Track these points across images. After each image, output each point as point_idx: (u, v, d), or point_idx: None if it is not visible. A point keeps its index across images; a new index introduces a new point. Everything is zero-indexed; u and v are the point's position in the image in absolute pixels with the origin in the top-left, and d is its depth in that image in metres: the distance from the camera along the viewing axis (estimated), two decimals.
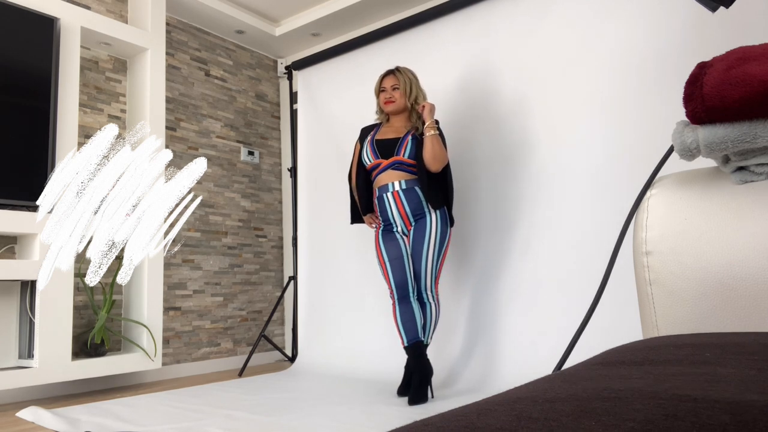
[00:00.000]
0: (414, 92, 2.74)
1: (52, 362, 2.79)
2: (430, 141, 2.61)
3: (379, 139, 2.76)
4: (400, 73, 2.77)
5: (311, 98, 4.04)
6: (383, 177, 2.73)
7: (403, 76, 2.76)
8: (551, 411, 0.39)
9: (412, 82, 2.76)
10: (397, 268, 2.64)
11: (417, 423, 0.39)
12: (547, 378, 0.58)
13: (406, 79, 2.75)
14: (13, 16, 2.83)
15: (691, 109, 0.96)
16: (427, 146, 2.61)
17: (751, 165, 0.97)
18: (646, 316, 1.06)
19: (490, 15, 3.19)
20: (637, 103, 2.64)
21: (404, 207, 2.68)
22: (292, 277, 4.00)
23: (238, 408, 2.51)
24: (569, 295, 2.70)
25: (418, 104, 2.73)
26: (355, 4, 3.80)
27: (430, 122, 2.62)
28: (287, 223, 4.47)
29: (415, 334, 2.57)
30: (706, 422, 0.34)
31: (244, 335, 4.12)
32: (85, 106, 3.39)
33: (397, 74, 2.77)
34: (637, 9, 2.68)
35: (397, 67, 2.82)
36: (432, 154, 2.61)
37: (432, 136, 2.61)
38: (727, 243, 0.96)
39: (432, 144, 2.60)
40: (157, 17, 3.53)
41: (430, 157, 2.61)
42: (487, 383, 2.80)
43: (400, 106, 2.75)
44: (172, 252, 3.71)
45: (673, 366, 0.58)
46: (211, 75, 4.15)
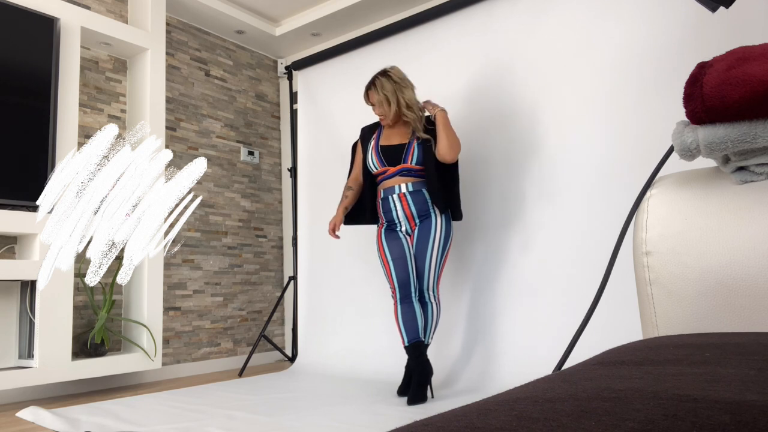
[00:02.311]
0: (397, 100, 2.64)
1: (52, 362, 2.79)
2: (443, 123, 2.59)
3: (384, 146, 2.75)
4: (376, 89, 2.67)
5: (311, 98, 4.04)
6: (390, 182, 2.73)
7: (378, 91, 2.66)
8: (551, 411, 0.39)
9: (389, 94, 2.64)
10: (400, 268, 2.63)
11: (417, 423, 0.39)
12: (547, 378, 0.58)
13: (382, 94, 2.65)
14: (13, 16, 2.83)
15: (691, 109, 0.96)
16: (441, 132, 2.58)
17: (751, 165, 0.97)
18: (646, 316, 1.06)
19: (490, 15, 3.19)
20: (637, 103, 2.64)
21: (410, 208, 2.67)
22: (292, 277, 4.00)
23: (238, 408, 2.51)
24: (569, 295, 2.70)
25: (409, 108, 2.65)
26: (355, 4, 3.80)
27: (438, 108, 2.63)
28: (287, 223, 4.47)
29: (415, 333, 2.57)
30: (706, 422, 0.34)
31: (244, 335, 4.12)
32: (85, 106, 3.39)
33: (372, 90, 2.68)
34: (636, 9, 2.68)
35: (375, 78, 2.70)
36: (448, 141, 2.58)
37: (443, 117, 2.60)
38: (727, 243, 0.96)
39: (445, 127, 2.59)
40: (157, 17, 3.53)
41: (445, 145, 2.58)
42: (487, 383, 2.80)
43: (393, 119, 2.71)
44: (172, 252, 3.71)
45: (673, 366, 0.58)
46: (211, 75, 4.15)
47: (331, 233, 2.80)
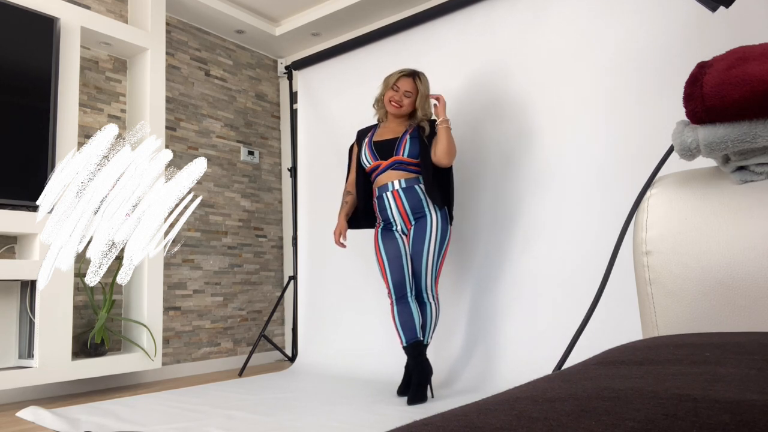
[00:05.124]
0: (422, 105, 2.70)
1: (52, 362, 2.79)
2: (446, 134, 2.60)
3: (377, 141, 2.75)
4: (421, 83, 2.70)
5: (311, 98, 4.04)
6: (383, 177, 2.72)
7: (422, 87, 2.70)
8: (551, 411, 0.39)
9: (421, 92, 2.70)
10: (396, 268, 2.63)
11: (417, 423, 0.39)
12: (547, 378, 0.58)
13: (423, 92, 2.70)
14: (13, 16, 2.83)
15: (691, 108, 0.96)
16: (442, 140, 2.60)
17: (751, 165, 0.97)
18: (646, 316, 1.06)
19: (490, 14, 3.19)
20: (637, 102, 2.64)
21: (404, 206, 2.67)
22: (292, 277, 4.00)
23: (238, 408, 2.51)
24: (569, 294, 2.70)
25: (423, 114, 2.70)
26: (355, 4, 3.80)
27: (444, 116, 2.62)
28: (287, 223, 4.47)
29: (413, 334, 2.56)
30: (706, 422, 0.34)
31: (244, 335, 4.12)
32: (85, 106, 3.39)
33: (417, 82, 2.70)
34: (636, 9, 2.68)
35: (419, 74, 2.73)
36: (447, 148, 2.60)
37: (447, 129, 2.60)
38: (726, 243, 0.96)
39: (447, 137, 2.60)
40: (157, 17, 3.53)
41: (444, 151, 2.60)
42: (487, 383, 2.80)
43: (405, 113, 2.73)
44: (172, 252, 3.71)
45: (673, 366, 0.58)
46: (211, 75, 4.15)
47: (337, 243, 2.80)
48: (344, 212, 2.84)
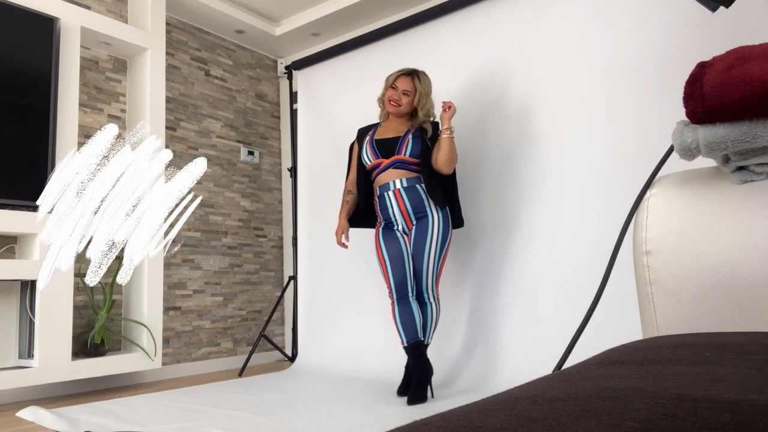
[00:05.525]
0: (423, 104, 2.69)
1: (52, 362, 2.79)
2: (448, 144, 2.59)
3: (379, 139, 2.75)
4: (419, 82, 2.69)
5: (311, 98, 4.04)
6: (384, 176, 2.71)
7: (421, 86, 2.69)
8: (551, 410, 0.39)
9: (426, 95, 2.69)
10: (397, 267, 2.62)
11: (417, 423, 0.39)
12: (547, 378, 0.58)
13: (423, 90, 2.69)
14: (13, 16, 2.83)
15: (691, 108, 0.96)
16: (444, 149, 2.59)
17: (751, 165, 0.97)
18: (646, 316, 1.06)
19: (490, 14, 3.19)
20: (637, 102, 2.64)
21: (405, 205, 2.66)
22: (292, 277, 4.00)
23: (238, 408, 2.51)
24: (569, 295, 2.70)
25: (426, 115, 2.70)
26: (355, 4, 3.80)
27: (449, 125, 2.60)
28: (287, 223, 4.47)
29: (414, 334, 2.56)
30: (706, 422, 0.34)
31: (244, 335, 4.12)
32: (85, 106, 3.39)
33: (415, 81, 2.69)
34: (636, 9, 2.67)
35: (419, 72, 2.73)
36: (448, 157, 2.60)
37: (449, 138, 2.59)
38: (726, 243, 0.96)
39: (449, 147, 2.59)
40: (157, 17, 3.53)
41: (445, 159, 2.60)
42: (487, 383, 2.80)
43: (403, 112, 2.72)
44: (172, 252, 3.70)
45: (673, 366, 0.58)
46: (211, 75, 4.15)
47: (339, 243, 2.80)
48: (345, 212, 2.84)
